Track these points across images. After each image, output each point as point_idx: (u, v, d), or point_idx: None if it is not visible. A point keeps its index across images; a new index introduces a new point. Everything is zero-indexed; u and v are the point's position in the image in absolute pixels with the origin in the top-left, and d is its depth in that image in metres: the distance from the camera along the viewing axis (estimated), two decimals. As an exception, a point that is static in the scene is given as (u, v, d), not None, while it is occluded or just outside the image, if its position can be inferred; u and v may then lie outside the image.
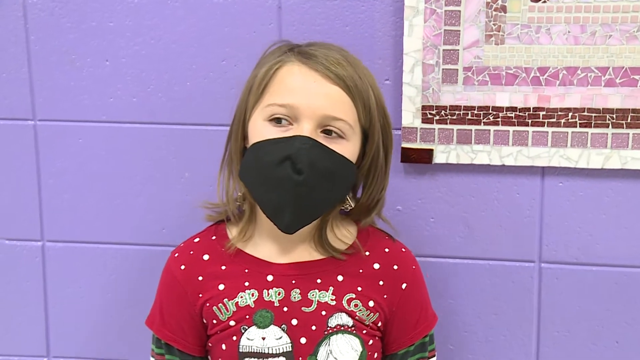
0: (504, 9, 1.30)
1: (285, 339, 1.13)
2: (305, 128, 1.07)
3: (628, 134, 1.31)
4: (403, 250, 1.22)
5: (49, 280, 1.51)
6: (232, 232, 1.19)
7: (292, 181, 1.05)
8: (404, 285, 1.18)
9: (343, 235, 1.19)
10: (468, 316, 1.42)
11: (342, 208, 1.20)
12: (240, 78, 1.38)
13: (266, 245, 1.17)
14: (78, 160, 1.46)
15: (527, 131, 1.33)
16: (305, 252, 1.17)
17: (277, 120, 1.09)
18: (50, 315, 1.52)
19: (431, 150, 1.35)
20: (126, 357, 1.52)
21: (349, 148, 1.10)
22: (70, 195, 1.47)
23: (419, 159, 1.35)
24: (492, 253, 1.39)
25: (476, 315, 1.42)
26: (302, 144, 1.05)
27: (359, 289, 1.15)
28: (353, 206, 1.19)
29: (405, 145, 1.35)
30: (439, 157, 1.36)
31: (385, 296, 1.16)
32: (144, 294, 1.49)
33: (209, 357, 1.20)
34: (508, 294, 1.40)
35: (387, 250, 1.19)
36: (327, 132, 1.09)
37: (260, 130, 1.10)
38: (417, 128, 1.35)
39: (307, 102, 1.07)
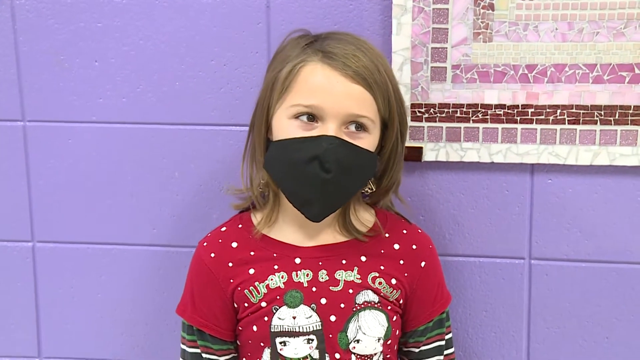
0: (491, 6, 1.30)
1: (315, 317, 1.17)
2: (330, 127, 1.11)
3: (616, 130, 1.31)
4: (419, 231, 1.28)
5: (39, 280, 1.51)
6: (257, 218, 1.24)
7: (320, 179, 1.11)
8: (423, 264, 1.23)
9: (364, 219, 1.24)
10: (458, 313, 1.42)
11: (363, 192, 1.25)
12: (230, 77, 1.39)
13: (292, 230, 1.21)
14: (68, 161, 1.46)
15: (516, 128, 1.33)
16: (329, 236, 1.22)
17: (302, 117, 1.12)
18: (41, 315, 1.52)
19: (420, 148, 1.35)
20: (118, 357, 1.52)
21: (370, 140, 1.15)
22: (60, 196, 1.47)
23: (409, 157, 1.34)
24: (482, 250, 1.40)
25: (466, 312, 1.42)
26: (329, 144, 1.10)
27: (382, 267, 1.20)
28: (374, 189, 1.24)
29: (394, 143, 1.36)
30: (428, 155, 1.36)
31: (406, 274, 1.22)
32: (135, 294, 1.49)
33: (238, 341, 1.24)
34: (498, 290, 1.41)
35: (405, 231, 1.25)
36: (357, 127, 1.13)
37: (286, 128, 1.14)
38: (406, 126, 1.35)
39: (331, 103, 1.11)
